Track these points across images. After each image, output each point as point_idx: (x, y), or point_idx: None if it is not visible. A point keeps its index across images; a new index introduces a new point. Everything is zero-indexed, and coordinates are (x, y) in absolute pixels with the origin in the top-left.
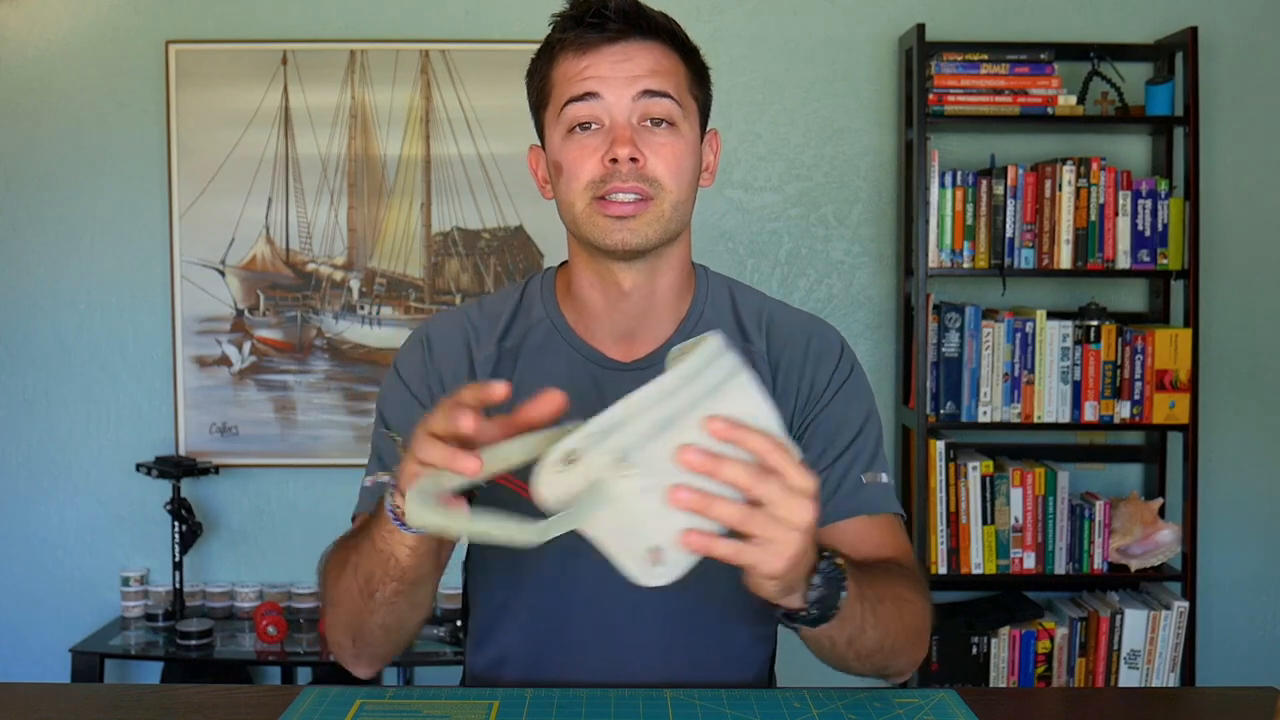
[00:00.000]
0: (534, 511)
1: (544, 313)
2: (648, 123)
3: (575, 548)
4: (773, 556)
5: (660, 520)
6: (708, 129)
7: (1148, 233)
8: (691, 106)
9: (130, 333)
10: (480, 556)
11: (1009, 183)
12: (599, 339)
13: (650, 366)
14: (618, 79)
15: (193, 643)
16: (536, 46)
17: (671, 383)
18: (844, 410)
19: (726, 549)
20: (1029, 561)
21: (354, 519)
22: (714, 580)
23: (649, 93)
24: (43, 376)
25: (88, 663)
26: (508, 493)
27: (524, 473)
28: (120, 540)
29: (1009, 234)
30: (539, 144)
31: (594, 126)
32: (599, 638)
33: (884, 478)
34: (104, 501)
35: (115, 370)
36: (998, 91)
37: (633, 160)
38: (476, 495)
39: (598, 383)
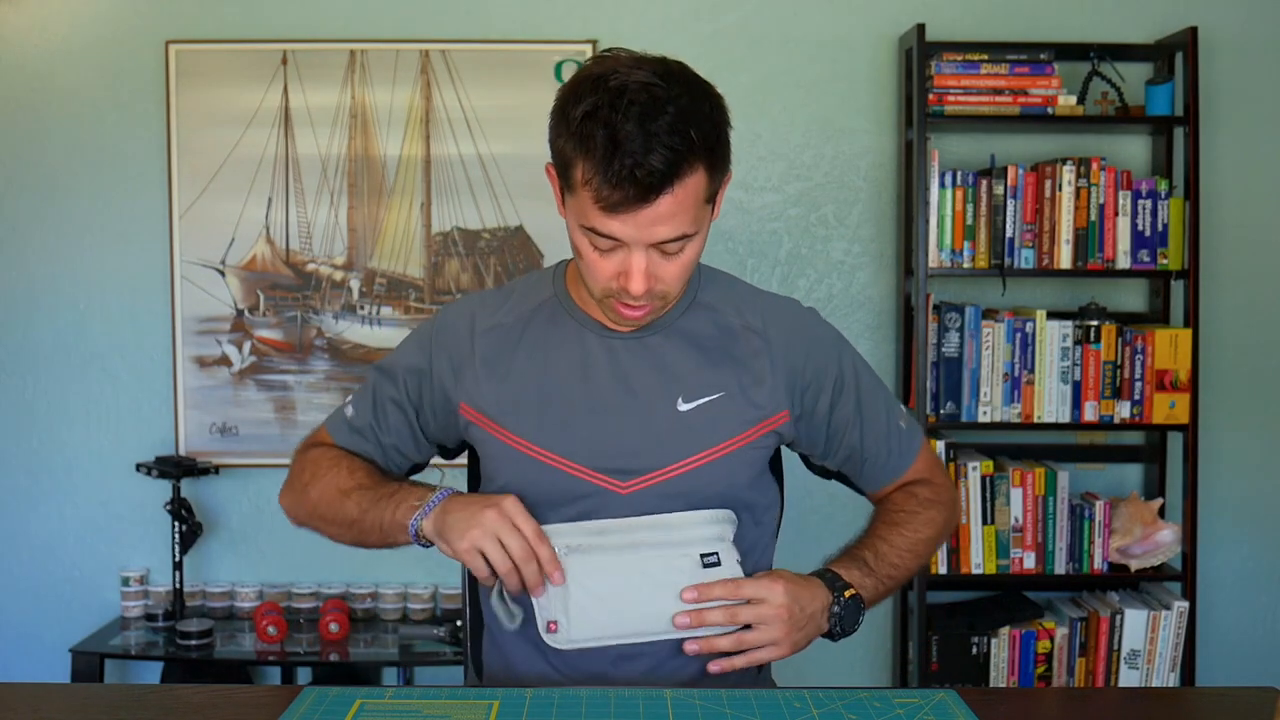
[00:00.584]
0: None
1: (553, 292)
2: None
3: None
4: (783, 642)
5: (576, 604)
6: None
7: (1148, 233)
8: (706, 211)
9: (130, 333)
10: None
11: (1009, 183)
12: (600, 316)
13: (649, 334)
14: (640, 227)
15: (193, 643)
16: (536, 47)
17: (650, 522)
18: (856, 382)
19: (746, 661)
20: (1029, 561)
21: (323, 427)
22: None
23: (667, 242)
24: (43, 377)
25: (88, 663)
26: (591, 487)
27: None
28: (120, 540)
29: (1009, 234)
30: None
31: (612, 251)
32: None
33: (904, 410)
34: (104, 501)
35: (115, 370)
36: (998, 91)
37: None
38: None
39: (600, 347)
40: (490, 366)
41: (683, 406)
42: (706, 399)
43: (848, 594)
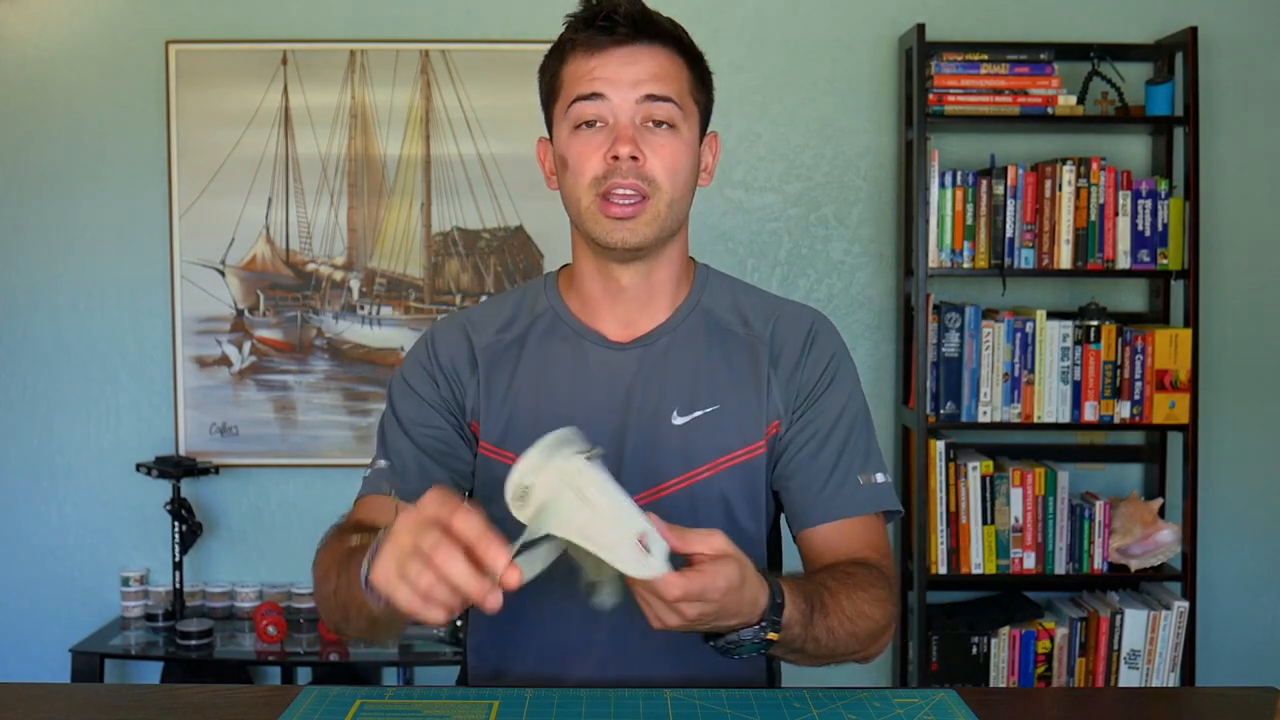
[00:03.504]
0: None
1: (548, 304)
2: (650, 124)
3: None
4: (679, 624)
5: (631, 511)
6: (708, 131)
7: (1148, 233)
8: (692, 109)
9: (130, 333)
10: None
11: (1009, 183)
12: (600, 324)
13: (648, 344)
14: (623, 81)
15: (193, 643)
16: (536, 46)
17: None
18: (837, 408)
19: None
20: (1029, 561)
21: (358, 499)
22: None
23: (651, 96)
24: (42, 377)
25: (88, 663)
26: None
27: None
28: (120, 540)
29: (1009, 234)
30: (547, 137)
31: (599, 124)
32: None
33: (880, 477)
34: (104, 501)
35: (115, 370)
36: (998, 91)
37: (633, 159)
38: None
39: (598, 361)
40: (492, 387)
41: (678, 420)
42: (702, 412)
43: (770, 635)
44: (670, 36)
